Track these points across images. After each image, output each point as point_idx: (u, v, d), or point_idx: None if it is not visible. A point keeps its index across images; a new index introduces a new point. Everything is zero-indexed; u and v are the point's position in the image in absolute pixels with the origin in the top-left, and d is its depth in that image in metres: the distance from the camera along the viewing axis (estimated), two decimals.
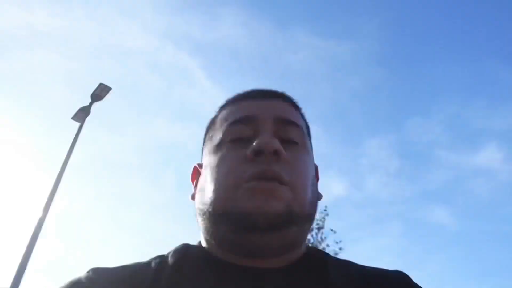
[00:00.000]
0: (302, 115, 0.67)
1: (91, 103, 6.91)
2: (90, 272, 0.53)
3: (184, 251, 0.57)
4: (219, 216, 0.54)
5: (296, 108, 0.65)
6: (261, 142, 0.53)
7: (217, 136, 0.60)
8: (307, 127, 0.66)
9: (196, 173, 0.67)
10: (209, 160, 0.59)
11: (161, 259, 0.56)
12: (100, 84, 6.93)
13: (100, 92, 6.93)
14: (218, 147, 0.59)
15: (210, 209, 0.55)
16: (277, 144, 0.54)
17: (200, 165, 0.66)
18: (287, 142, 0.57)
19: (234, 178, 0.53)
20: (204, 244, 0.59)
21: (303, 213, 0.54)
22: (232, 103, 0.64)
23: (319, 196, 0.62)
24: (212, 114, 0.67)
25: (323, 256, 0.59)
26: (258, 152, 0.53)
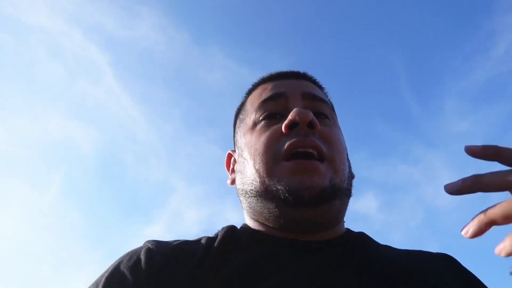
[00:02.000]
0: (326, 94, 0.67)
1: None
2: (148, 244, 0.54)
3: (232, 228, 0.58)
4: (262, 192, 0.54)
5: (320, 87, 0.67)
6: (295, 114, 0.53)
7: (250, 117, 0.61)
8: (333, 106, 0.67)
9: (230, 160, 0.70)
10: (244, 141, 0.61)
11: (210, 237, 0.56)
12: None
13: None
14: (252, 127, 0.60)
15: (252, 187, 0.56)
16: (311, 115, 0.54)
17: (234, 151, 0.69)
18: (317, 116, 0.57)
19: (272, 154, 0.54)
20: (249, 223, 0.60)
21: (343, 187, 0.55)
22: (259, 85, 0.66)
23: (353, 175, 0.63)
24: (239, 101, 0.70)
25: (365, 235, 0.59)
26: (292, 125, 0.54)
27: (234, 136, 0.70)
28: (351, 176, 0.62)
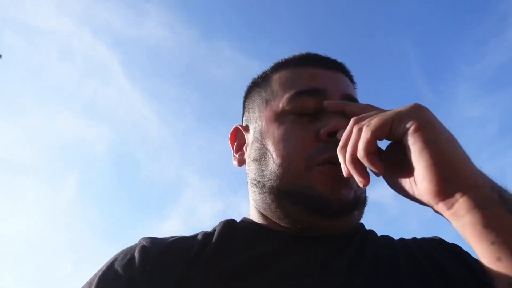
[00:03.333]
0: (356, 91, 0.64)
1: None
2: (143, 241, 0.53)
3: (230, 223, 0.56)
4: (286, 193, 0.52)
5: (353, 82, 0.64)
6: (339, 124, 0.51)
7: (279, 103, 0.57)
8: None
9: (237, 135, 0.65)
10: (267, 129, 0.57)
11: (207, 232, 0.55)
12: None
13: None
14: (280, 116, 0.56)
15: (274, 184, 0.53)
16: None
17: (244, 128, 0.64)
18: None
19: (306, 157, 0.52)
20: (254, 215, 0.59)
21: (363, 198, 0.55)
22: (295, 66, 0.60)
23: None
24: (263, 70, 0.64)
25: (363, 227, 0.59)
26: (333, 133, 0.51)
27: (244, 109, 0.66)
28: None
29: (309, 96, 0.55)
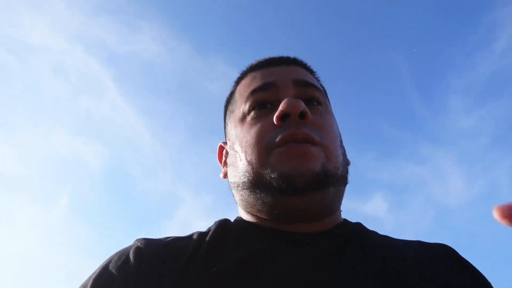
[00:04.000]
0: (318, 79, 0.65)
1: None
2: (138, 242, 0.52)
3: (225, 222, 0.56)
4: (256, 183, 0.53)
5: (311, 72, 0.65)
6: (286, 105, 0.52)
7: (240, 108, 0.60)
8: (325, 91, 0.65)
9: (222, 152, 0.68)
10: (235, 133, 0.59)
11: (202, 232, 0.54)
12: None
13: None
14: (242, 119, 0.58)
15: (245, 179, 0.55)
16: (302, 105, 0.52)
17: (225, 143, 0.67)
18: (310, 103, 0.57)
19: (265, 144, 0.53)
20: (243, 216, 0.59)
21: (337, 174, 0.53)
22: (248, 74, 0.64)
23: (348, 162, 0.60)
24: (229, 90, 0.68)
25: (362, 226, 0.58)
26: (284, 116, 0.53)
27: (224, 128, 0.68)
28: (346, 163, 0.59)
29: (262, 92, 0.58)
